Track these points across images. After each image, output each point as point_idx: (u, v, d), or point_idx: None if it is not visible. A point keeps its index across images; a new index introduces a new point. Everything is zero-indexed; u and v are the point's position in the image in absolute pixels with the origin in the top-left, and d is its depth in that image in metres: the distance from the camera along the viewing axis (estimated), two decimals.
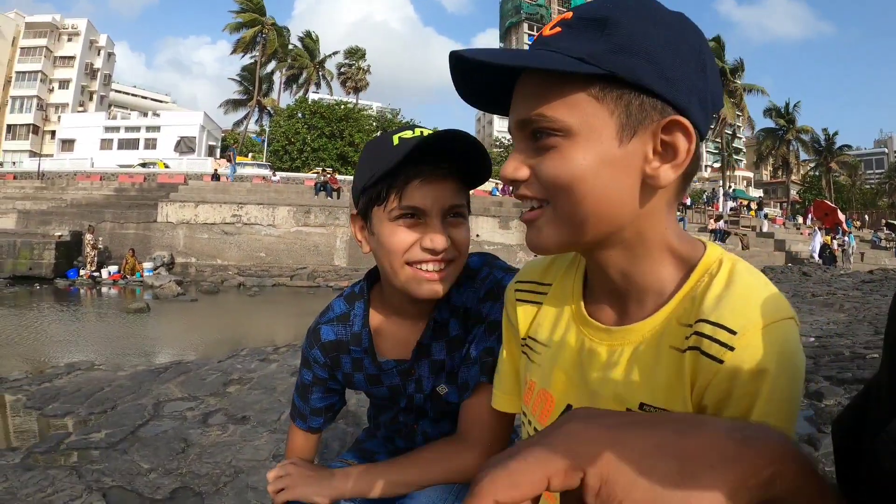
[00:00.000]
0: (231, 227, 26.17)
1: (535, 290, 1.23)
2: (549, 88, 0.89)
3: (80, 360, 7.52)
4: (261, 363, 6.67)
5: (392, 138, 1.44)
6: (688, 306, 0.92)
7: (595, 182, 0.89)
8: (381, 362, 1.60)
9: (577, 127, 0.88)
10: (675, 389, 0.90)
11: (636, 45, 0.87)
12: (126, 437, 4.16)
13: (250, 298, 18.85)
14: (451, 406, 1.59)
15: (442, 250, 1.42)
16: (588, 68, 0.86)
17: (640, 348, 0.96)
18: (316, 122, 55.26)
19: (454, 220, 1.46)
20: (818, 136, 77.11)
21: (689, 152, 0.89)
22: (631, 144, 0.89)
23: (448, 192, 1.43)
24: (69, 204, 28.66)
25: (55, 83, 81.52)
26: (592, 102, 0.88)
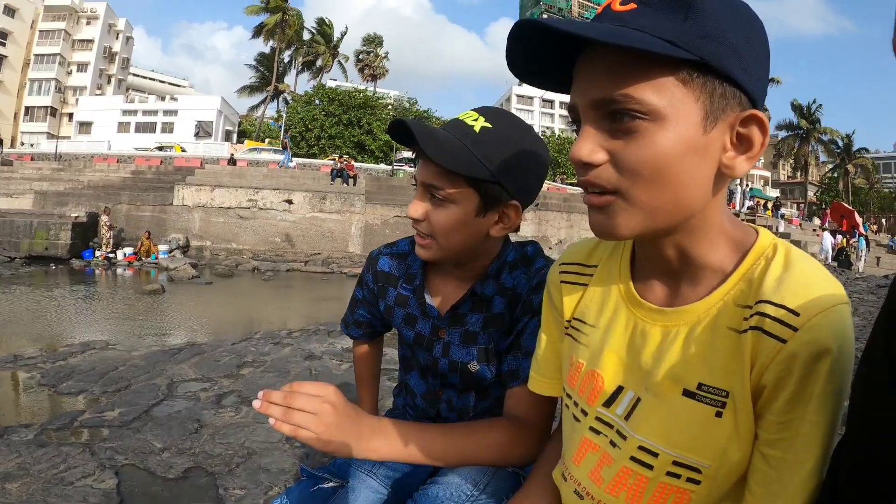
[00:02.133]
0: (247, 211, 26.23)
1: (580, 272, 1.23)
2: (632, 68, 0.86)
3: (95, 339, 7.54)
4: (274, 346, 6.67)
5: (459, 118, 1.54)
6: (744, 288, 0.93)
7: (679, 169, 0.88)
8: (428, 304, 1.68)
9: (665, 111, 0.86)
10: (733, 370, 0.90)
11: (721, 33, 0.85)
12: (139, 416, 4.16)
13: (264, 283, 18.87)
14: (483, 382, 1.63)
15: (412, 219, 1.54)
16: (680, 52, 0.83)
17: (697, 329, 0.96)
18: (334, 108, 55.27)
19: (436, 202, 1.51)
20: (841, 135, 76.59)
21: (763, 146, 0.90)
22: (713, 133, 0.88)
23: (424, 171, 1.50)
24: (86, 185, 28.76)
25: (73, 66, 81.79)
26: (679, 87, 0.86)
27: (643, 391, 1.01)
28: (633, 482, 1.01)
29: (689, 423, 0.94)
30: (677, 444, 0.95)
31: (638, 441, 1.00)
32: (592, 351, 1.12)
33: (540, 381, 1.33)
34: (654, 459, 0.98)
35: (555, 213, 29.67)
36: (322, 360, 6.02)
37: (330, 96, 56.79)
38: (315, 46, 75.36)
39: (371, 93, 61.90)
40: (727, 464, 0.92)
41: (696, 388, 0.94)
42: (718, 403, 0.92)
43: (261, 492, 3.09)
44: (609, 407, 1.06)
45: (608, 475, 1.05)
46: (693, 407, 0.94)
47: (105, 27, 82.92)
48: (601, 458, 1.07)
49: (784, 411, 0.86)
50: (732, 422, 0.91)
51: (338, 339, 7.15)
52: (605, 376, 1.08)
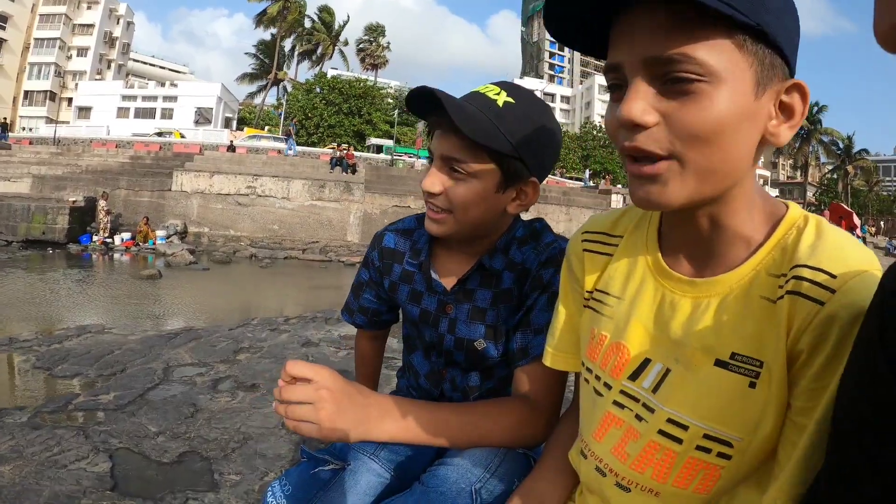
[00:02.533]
0: (245, 198, 26.22)
1: (605, 241, 1.20)
2: (688, 27, 0.83)
3: (91, 323, 7.51)
4: (271, 333, 6.65)
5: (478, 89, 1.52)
6: (777, 257, 0.92)
7: (734, 134, 0.86)
8: (434, 279, 1.65)
9: (723, 73, 0.83)
10: (768, 339, 0.88)
11: (771, 3, 0.84)
12: (135, 399, 4.13)
13: (262, 270, 18.85)
14: (487, 360, 1.61)
15: (427, 193, 1.50)
16: (741, 16, 0.80)
17: (728, 299, 0.94)
18: (334, 97, 55.31)
19: (454, 174, 1.48)
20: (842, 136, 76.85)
21: (803, 115, 0.90)
22: (763, 99, 0.87)
23: (445, 143, 1.46)
24: (84, 170, 28.72)
25: (73, 51, 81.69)
26: (736, 51, 0.84)
27: (673, 362, 0.99)
28: (661, 457, 0.98)
29: (721, 394, 0.92)
30: (708, 416, 0.93)
31: (667, 413, 0.97)
32: (617, 323, 1.09)
33: (557, 356, 1.30)
34: (684, 433, 0.95)
35: (553, 206, 29.74)
36: (319, 347, 6.01)
37: (330, 85, 56.87)
38: (316, 34, 75.30)
39: (372, 83, 61.92)
40: (759, 437, 0.90)
41: (728, 357, 0.92)
42: (752, 374, 0.89)
43: (256, 477, 3.06)
44: (635, 380, 1.04)
45: (634, 450, 1.02)
46: (726, 377, 0.92)
47: (106, 12, 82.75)
48: (626, 432, 1.04)
49: (818, 377, 0.83)
50: (766, 393, 0.88)
51: (335, 326, 7.13)
52: (632, 348, 1.05)
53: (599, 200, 34.17)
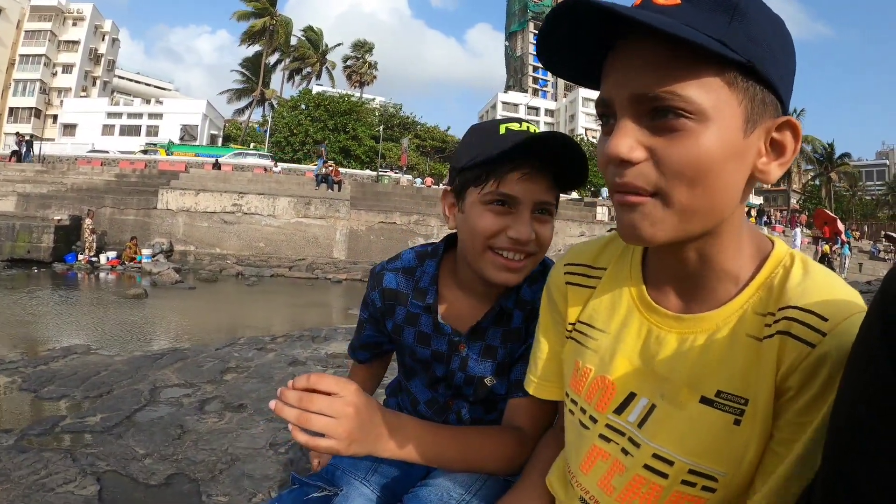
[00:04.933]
0: (231, 216, 26.17)
1: (587, 273, 1.21)
2: (678, 64, 0.84)
3: (77, 343, 7.50)
4: (258, 352, 6.65)
5: (499, 127, 1.49)
6: (764, 295, 0.93)
7: (719, 172, 0.86)
8: (441, 324, 1.61)
9: (711, 111, 0.84)
10: (753, 377, 0.90)
11: (763, 38, 0.85)
12: (122, 421, 4.13)
13: (248, 288, 18.81)
14: (496, 397, 1.61)
15: (526, 241, 1.45)
16: (731, 53, 0.82)
17: (715, 336, 0.95)
18: (319, 114, 55.29)
19: (541, 217, 1.49)
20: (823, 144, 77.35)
21: (794, 152, 0.90)
22: (752, 137, 0.87)
23: (542, 188, 1.46)
24: (69, 188, 28.59)
25: (59, 67, 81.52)
26: (725, 88, 0.84)
27: (658, 398, 1.00)
28: (646, 490, 0.99)
29: (706, 431, 0.93)
30: (693, 451, 0.94)
31: (653, 449, 0.98)
32: (602, 356, 1.09)
33: (541, 385, 1.30)
34: (669, 468, 0.96)
35: None
36: (306, 366, 6.01)
37: (316, 101, 56.82)
38: (301, 49, 75.33)
39: (357, 98, 61.94)
40: (743, 471, 0.92)
41: (714, 395, 0.93)
42: (737, 411, 0.91)
43: (244, 498, 3.07)
44: (620, 414, 1.04)
45: (620, 483, 1.03)
46: (711, 414, 0.93)
47: (91, 28, 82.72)
48: (612, 465, 1.05)
49: (803, 412, 0.85)
50: (750, 430, 0.90)
51: (322, 344, 7.14)
52: (617, 382, 1.06)
53: (585, 213, 34.23)
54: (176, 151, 51.31)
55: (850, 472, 0.67)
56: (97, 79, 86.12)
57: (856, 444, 0.66)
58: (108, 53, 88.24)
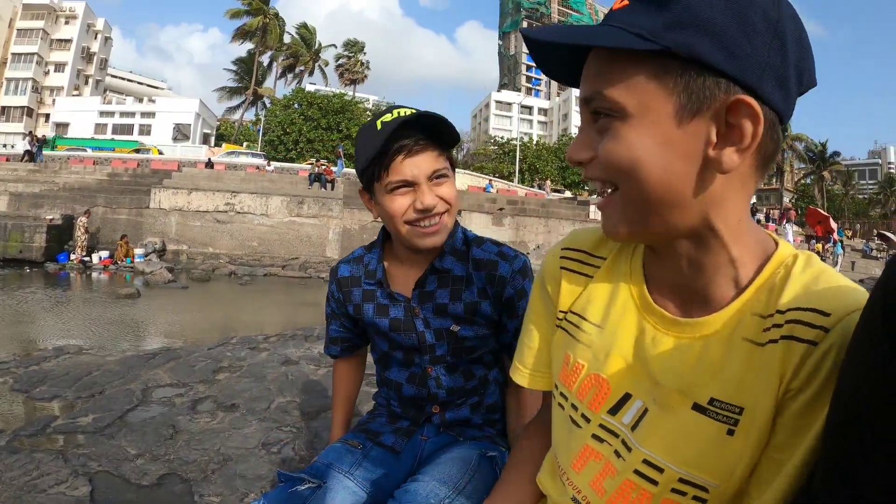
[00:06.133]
0: (224, 215, 26.13)
1: (585, 260, 1.18)
2: (611, 66, 0.87)
3: (69, 343, 7.48)
4: (251, 352, 6.64)
5: (376, 123, 1.69)
6: (764, 298, 0.90)
7: (653, 165, 0.86)
8: (393, 292, 1.85)
9: (632, 108, 0.85)
10: (750, 383, 0.88)
11: (697, 17, 0.81)
12: (114, 422, 4.12)
13: (241, 287, 18.78)
14: (467, 342, 1.81)
15: (432, 207, 1.69)
16: (644, 44, 0.82)
17: (712, 341, 0.93)
18: (312, 113, 55.22)
19: (439, 181, 1.73)
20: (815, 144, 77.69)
21: (754, 136, 0.83)
22: (692, 126, 0.84)
23: (428, 160, 1.70)
24: (61, 188, 28.51)
25: (51, 66, 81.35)
26: (652, 81, 0.84)
27: (651, 402, 0.98)
28: (637, 496, 0.98)
29: (697, 440, 0.91)
30: (684, 460, 0.92)
31: (643, 454, 0.97)
32: (595, 353, 1.07)
33: (535, 377, 1.27)
34: (660, 475, 0.95)
35: (532, 218, 29.81)
36: (299, 365, 6.01)
37: (309, 100, 56.75)
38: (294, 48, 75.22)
39: (349, 97, 61.87)
40: (735, 482, 0.89)
41: (707, 402, 0.91)
42: (731, 421, 0.88)
43: (237, 498, 3.07)
44: (615, 415, 1.03)
45: (611, 486, 1.02)
46: (703, 423, 0.91)
47: (84, 27, 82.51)
48: (604, 467, 1.04)
49: (801, 413, 0.83)
50: (744, 441, 0.88)
51: (314, 343, 7.13)
52: (612, 382, 1.04)
53: (578, 212, 34.24)
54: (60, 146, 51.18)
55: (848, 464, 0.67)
56: (89, 77, 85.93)
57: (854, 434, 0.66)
58: (101, 52, 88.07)
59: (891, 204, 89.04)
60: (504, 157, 70.14)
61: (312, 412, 4.08)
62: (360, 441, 1.83)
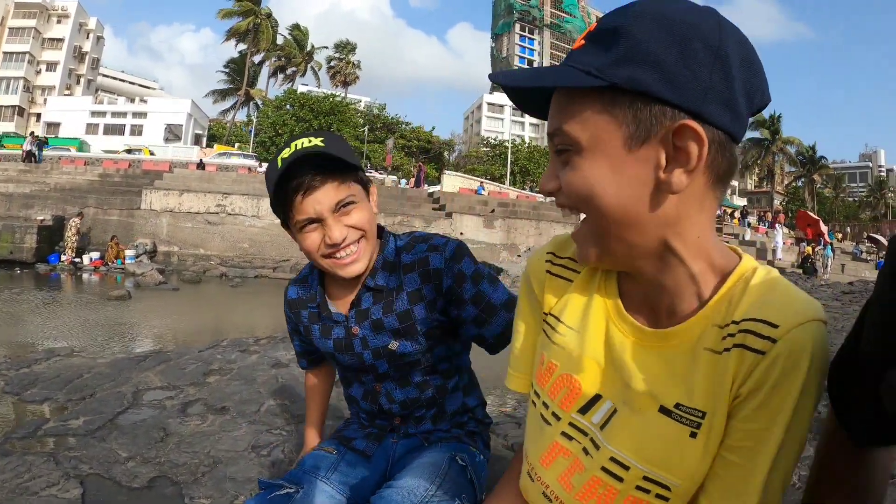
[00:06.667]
0: (215, 216, 26.06)
1: (568, 265, 1.21)
2: (569, 103, 0.94)
3: (60, 346, 7.48)
4: (241, 354, 6.64)
5: (277, 160, 1.66)
6: (723, 310, 0.95)
7: (608, 191, 0.93)
8: (333, 312, 1.85)
9: (585, 141, 0.92)
10: (711, 391, 0.94)
11: (640, 52, 0.87)
12: (104, 424, 4.13)
13: (232, 289, 18.76)
14: (407, 358, 1.79)
15: (342, 240, 1.67)
16: (593, 81, 0.89)
17: (677, 351, 0.99)
18: (304, 114, 55.11)
19: (346, 209, 1.68)
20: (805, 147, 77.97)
21: (700, 157, 0.88)
22: (641, 152, 0.90)
23: (328, 193, 1.65)
24: (52, 188, 28.41)
25: (42, 65, 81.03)
26: (603, 115, 0.91)
27: (620, 403, 1.04)
28: (603, 492, 1.04)
29: (662, 441, 0.97)
30: (649, 459, 0.98)
31: (610, 452, 1.02)
32: (569, 354, 1.12)
33: (515, 378, 1.31)
34: (625, 472, 1.01)
35: (523, 220, 29.78)
36: (289, 368, 6.01)
37: (301, 101, 56.65)
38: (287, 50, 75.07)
39: (341, 99, 61.76)
40: (697, 482, 0.97)
41: (672, 406, 0.97)
42: (694, 424, 0.95)
43: (227, 501, 3.09)
44: (585, 414, 1.08)
45: (578, 482, 1.07)
46: (668, 424, 0.97)
47: (76, 26, 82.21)
48: (572, 463, 1.09)
49: (751, 419, 0.90)
50: (705, 442, 0.94)
51: None
52: (584, 383, 1.09)
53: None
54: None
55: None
56: (81, 77, 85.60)
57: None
58: (93, 51, 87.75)
59: (881, 207, 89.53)
60: (496, 160, 70.14)
61: (302, 415, 4.10)
62: (334, 447, 1.90)
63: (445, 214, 28.63)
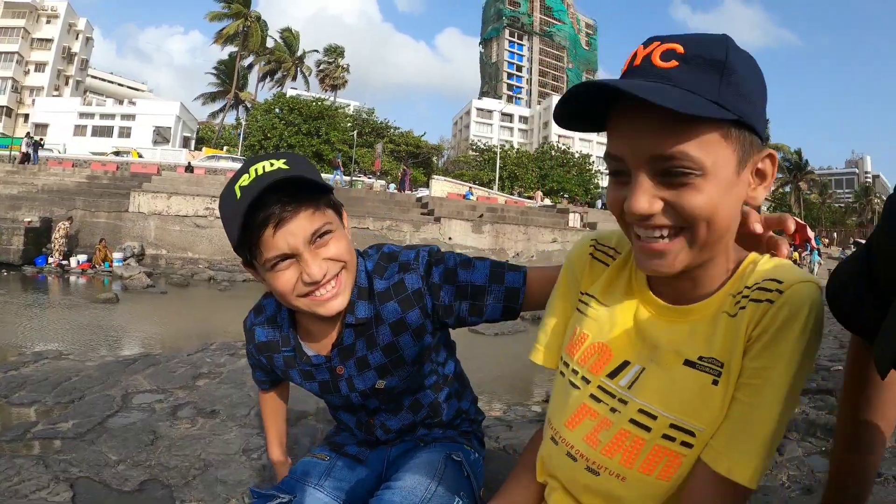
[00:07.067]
0: (203, 220, 25.96)
1: (610, 253, 1.35)
2: (683, 126, 0.98)
3: (48, 348, 7.46)
4: (230, 358, 6.62)
5: (234, 189, 1.46)
6: (737, 283, 1.12)
7: (724, 210, 1.03)
8: (311, 356, 1.69)
9: (710, 166, 0.99)
10: (729, 344, 1.08)
11: (748, 90, 1.01)
12: (94, 427, 4.12)
13: (220, 293, 18.72)
14: (397, 390, 1.72)
15: (322, 277, 1.50)
16: (726, 114, 0.97)
17: (699, 320, 1.14)
18: (293, 118, 55.06)
19: (323, 240, 1.52)
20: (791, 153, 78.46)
21: (773, 176, 1.10)
22: (743, 174, 1.05)
23: (302, 224, 1.47)
24: (40, 189, 28.28)
25: (31, 65, 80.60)
26: (721, 142, 1.00)
27: (648, 362, 1.16)
28: (630, 444, 1.14)
29: (687, 389, 1.10)
30: (676, 408, 1.10)
31: (638, 405, 1.14)
32: (601, 324, 1.26)
33: (541, 352, 1.40)
34: (653, 422, 1.12)
35: (512, 226, 29.83)
36: None
37: (290, 105, 56.60)
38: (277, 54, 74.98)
39: (330, 103, 61.71)
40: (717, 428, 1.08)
41: (696, 359, 1.11)
42: (715, 372, 1.08)
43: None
44: (613, 378, 1.19)
45: (605, 437, 1.17)
46: (692, 375, 1.10)
47: (65, 26, 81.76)
48: (599, 423, 1.19)
49: (757, 357, 1.04)
50: (725, 389, 1.07)
51: None
52: (614, 349, 1.22)
53: (557, 220, 34.35)
54: None
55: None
56: (70, 78, 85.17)
57: None
58: (82, 52, 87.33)
59: (867, 213, 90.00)
60: (484, 165, 70.15)
61: (291, 418, 4.11)
62: (326, 454, 1.88)
63: (434, 219, 28.64)
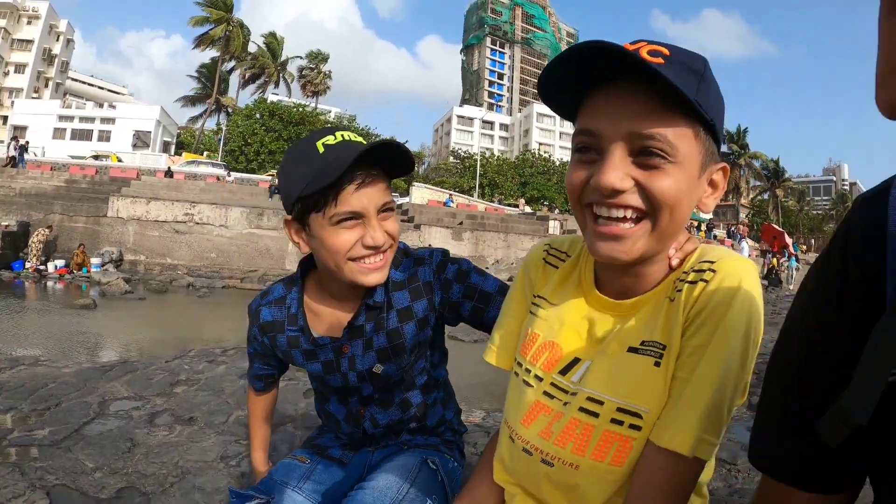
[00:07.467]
0: (183, 225, 25.84)
1: (560, 256, 1.40)
2: (663, 112, 1.03)
3: (24, 354, 7.38)
4: (209, 364, 6.59)
5: (316, 145, 1.55)
6: (679, 273, 1.16)
7: (686, 204, 1.09)
8: (317, 338, 1.73)
9: (682, 157, 1.05)
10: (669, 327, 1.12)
11: (715, 104, 1.08)
12: (70, 434, 4.10)
13: (199, 299, 18.63)
14: (392, 379, 1.76)
15: (382, 244, 1.59)
16: (703, 113, 1.03)
17: (644, 311, 1.18)
18: (274, 124, 54.89)
19: (386, 214, 1.61)
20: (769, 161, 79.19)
21: (723, 189, 1.17)
22: (702, 179, 1.11)
23: (378, 191, 1.57)
24: (18, 193, 28.00)
25: (11, 66, 79.94)
26: (692, 139, 1.06)
27: (595, 355, 1.20)
28: (580, 432, 1.17)
29: (632, 374, 1.13)
30: (621, 392, 1.13)
31: (586, 393, 1.17)
32: (550, 324, 1.30)
33: (494, 352, 1.44)
34: (600, 408, 1.15)
35: (492, 233, 29.90)
36: None
37: (271, 110, 56.41)
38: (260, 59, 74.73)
39: (311, 109, 61.57)
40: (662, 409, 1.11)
41: (639, 344, 1.15)
42: (657, 354, 1.12)
43: None
44: (565, 375, 1.23)
45: (557, 428, 1.20)
46: (636, 360, 1.14)
47: (46, 28, 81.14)
48: (553, 418, 1.22)
49: (694, 335, 1.08)
50: (667, 370, 1.11)
51: None
52: (564, 347, 1.26)
53: (537, 227, 34.48)
54: None
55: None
56: (50, 80, 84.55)
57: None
58: (62, 54, 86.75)
59: None
60: (465, 172, 70.27)
61: (272, 426, 4.11)
62: (307, 456, 1.90)
63: (414, 226, 28.64)
